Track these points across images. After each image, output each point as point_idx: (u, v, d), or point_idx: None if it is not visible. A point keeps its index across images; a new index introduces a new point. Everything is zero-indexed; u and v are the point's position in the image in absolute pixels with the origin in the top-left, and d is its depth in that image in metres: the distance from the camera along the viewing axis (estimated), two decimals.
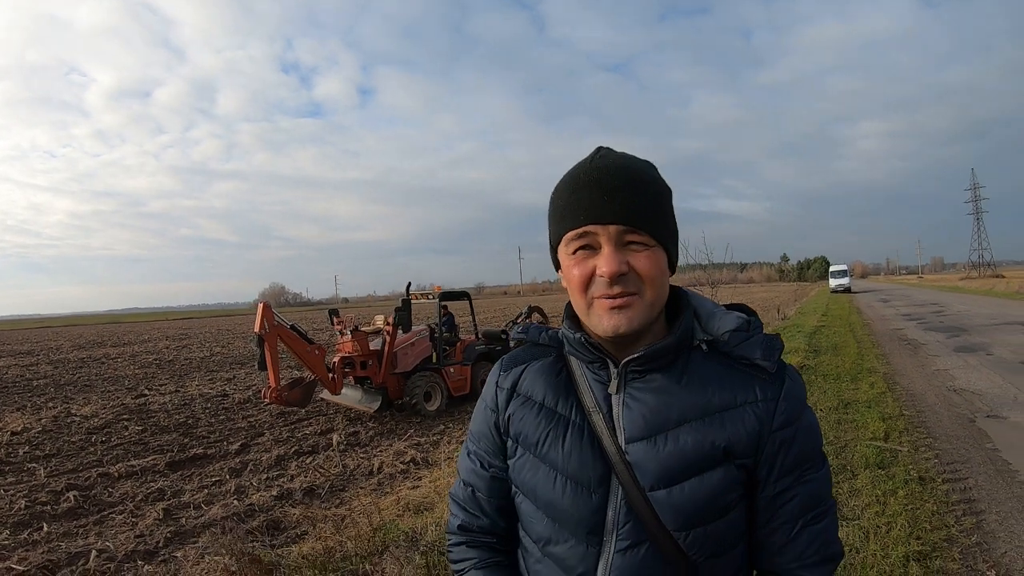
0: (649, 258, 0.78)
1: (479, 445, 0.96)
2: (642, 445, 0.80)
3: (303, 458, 6.39)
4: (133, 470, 6.18)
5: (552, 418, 0.87)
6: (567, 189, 0.82)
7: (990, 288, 36.21)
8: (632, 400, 0.82)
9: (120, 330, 40.71)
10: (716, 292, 10.03)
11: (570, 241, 0.80)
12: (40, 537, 4.59)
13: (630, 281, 0.77)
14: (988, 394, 6.76)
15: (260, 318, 7.69)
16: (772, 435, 0.79)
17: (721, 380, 0.81)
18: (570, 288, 0.82)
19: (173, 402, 10.34)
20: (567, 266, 0.81)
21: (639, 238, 0.78)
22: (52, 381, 14.04)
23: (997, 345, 10.66)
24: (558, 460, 0.84)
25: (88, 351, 22.40)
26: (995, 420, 5.65)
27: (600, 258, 0.78)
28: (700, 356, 0.83)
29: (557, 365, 0.91)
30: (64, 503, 5.25)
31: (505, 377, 0.94)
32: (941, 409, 6.21)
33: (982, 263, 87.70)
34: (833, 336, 13.43)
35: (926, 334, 13.44)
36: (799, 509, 0.81)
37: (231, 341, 25.28)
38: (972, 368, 8.50)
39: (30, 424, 8.75)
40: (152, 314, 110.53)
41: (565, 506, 0.83)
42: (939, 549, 3.10)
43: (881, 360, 9.80)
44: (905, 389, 7.32)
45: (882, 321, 17.92)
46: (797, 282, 74.79)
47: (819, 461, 0.83)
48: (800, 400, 0.82)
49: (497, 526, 0.94)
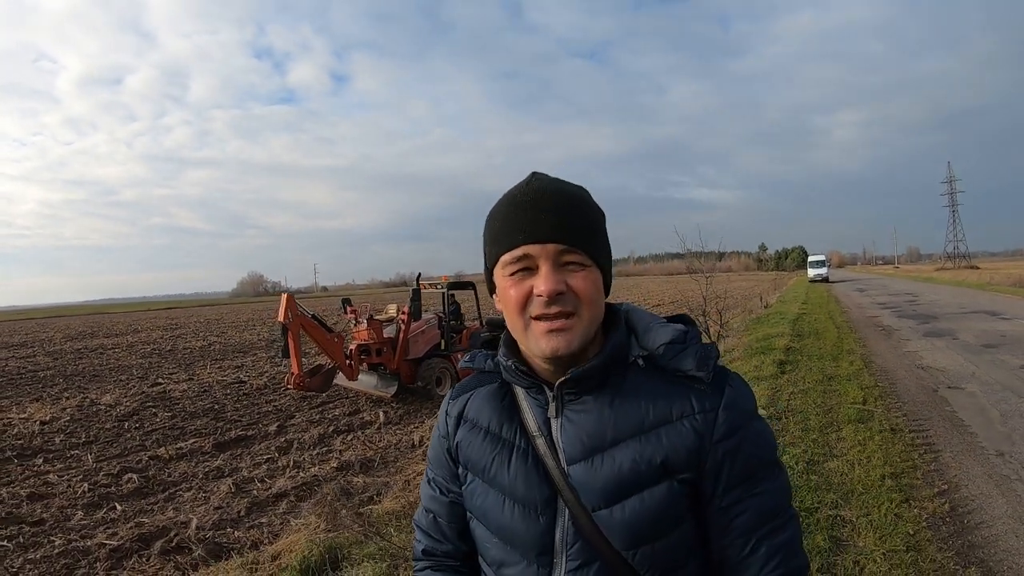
0: (586, 278, 0.78)
1: (436, 472, 0.97)
2: (582, 466, 0.81)
3: (343, 436, 6.93)
4: (182, 452, 6.58)
5: (497, 443, 0.88)
6: (503, 211, 0.82)
7: (963, 279, 37.37)
8: (569, 422, 0.83)
9: (107, 321, 40.23)
10: (710, 283, 10.78)
11: (507, 264, 0.80)
12: (116, 516, 4.89)
13: (568, 301, 0.77)
14: (950, 370, 7.68)
15: (284, 308, 8.13)
16: (714, 447, 0.78)
17: (657, 395, 0.81)
18: (506, 310, 0.81)
19: (193, 389, 10.67)
20: (504, 287, 0.81)
21: (576, 258, 0.78)
22: (58, 372, 14.16)
23: (963, 331, 11.61)
24: (505, 484, 0.85)
25: (82, 342, 22.40)
26: (955, 390, 6.58)
27: (538, 278, 0.78)
28: (636, 373, 0.83)
29: (502, 390, 0.91)
30: (128, 484, 5.56)
31: (453, 405, 0.96)
32: (910, 382, 7.14)
33: (957, 254, 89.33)
34: (814, 322, 14.32)
35: (899, 321, 14.43)
36: (752, 522, 0.79)
37: (224, 331, 25.42)
38: (939, 350, 9.43)
39: (56, 414, 8.96)
40: (132, 304, 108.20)
41: (515, 529, 0.84)
42: (906, 473, 4.11)
43: (858, 343, 10.71)
44: (879, 366, 8.23)
45: (859, 309, 18.93)
46: (775, 271, 76.53)
47: (772, 471, 0.81)
48: (744, 409, 0.81)
49: (460, 550, 0.96)
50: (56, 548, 4.30)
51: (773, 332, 12.01)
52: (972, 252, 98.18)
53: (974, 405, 5.88)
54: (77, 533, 4.59)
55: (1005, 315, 14.19)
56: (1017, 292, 22.69)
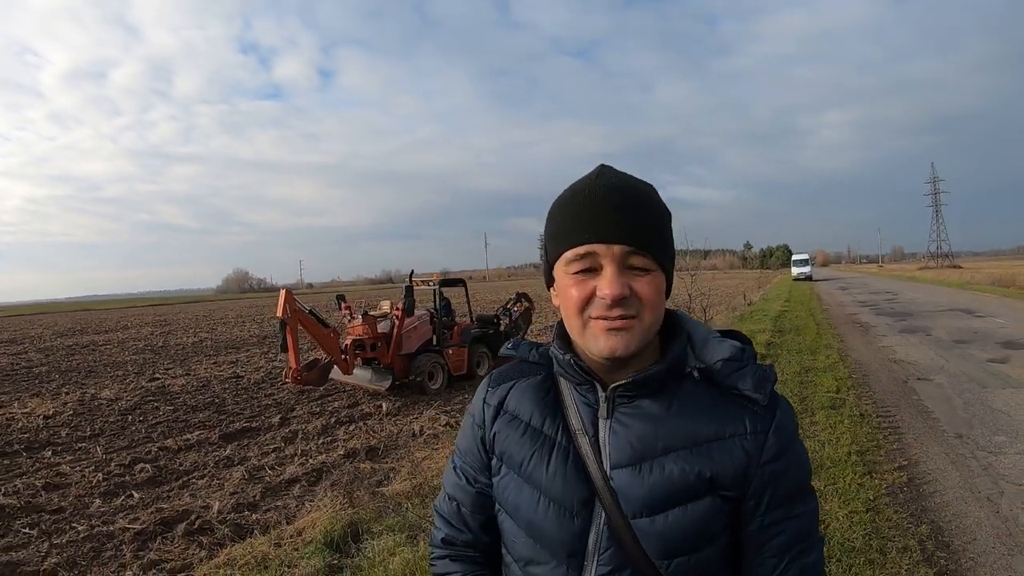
0: (651, 283, 0.77)
1: (465, 460, 0.96)
2: (627, 472, 0.80)
3: (345, 426, 7.18)
4: (189, 443, 6.76)
5: (538, 438, 0.86)
6: (569, 205, 0.80)
7: (944, 278, 38.28)
8: (619, 425, 0.81)
9: (94, 318, 39.80)
10: (695, 279, 11.19)
11: (570, 261, 0.78)
12: (134, 503, 5.02)
13: (630, 305, 0.76)
14: (921, 364, 8.18)
15: (283, 304, 8.33)
16: (760, 468, 0.78)
17: (711, 410, 0.80)
18: (565, 308, 0.80)
19: (191, 384, 10.80)
20: (564, 285, 0.79)
21: (642, 261, 0.77)
22: (52, 368, 14.14)
23: (936, 328, 12.17)
24: (542, 481, 0.84)
25: (72, 338, 22.29)
26: (923, 381, 7.07)
27: (602, 279, 0.76)
28: (691, 384, 0.82)
29: (546, 384, 0.90)
30: (141, 473, 5.69)
31: (492, 393, 0.94)
32: (882, 374, 7.65)
33: (940, 254, 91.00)
34: (795, 319, 14.84)
35: (877, 318, 15.01)
36: (787, 543, 0.79)
37: (214, 327, 25.42)
38: (912, 345, 9.94)
39: (58, 408, 9.04)
40: (118, 301, 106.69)
41: (547, 528, 0.82)
42: (871, 451, 4.66)
43: (836, 338, 11.24)
44: (854, 360, 8.75)
45: (839, 307, 19.54)
46: (760, 270, 77.57)
47: (807, 495, 0.82)
48: (791, 433, 0.81)
49: (481, 541, 0.94)
50: (80, 533, 4.45)
51: (755, 328, 12.49)
52: (956, 252, 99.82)
53: (940, 394, 6.36)
54: (98, 519, 4.75)
55: (979, 313, 14.79)
56: (995, 291, 23.41)
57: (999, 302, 18.12)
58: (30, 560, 4.07)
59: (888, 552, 3.10)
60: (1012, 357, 8.32)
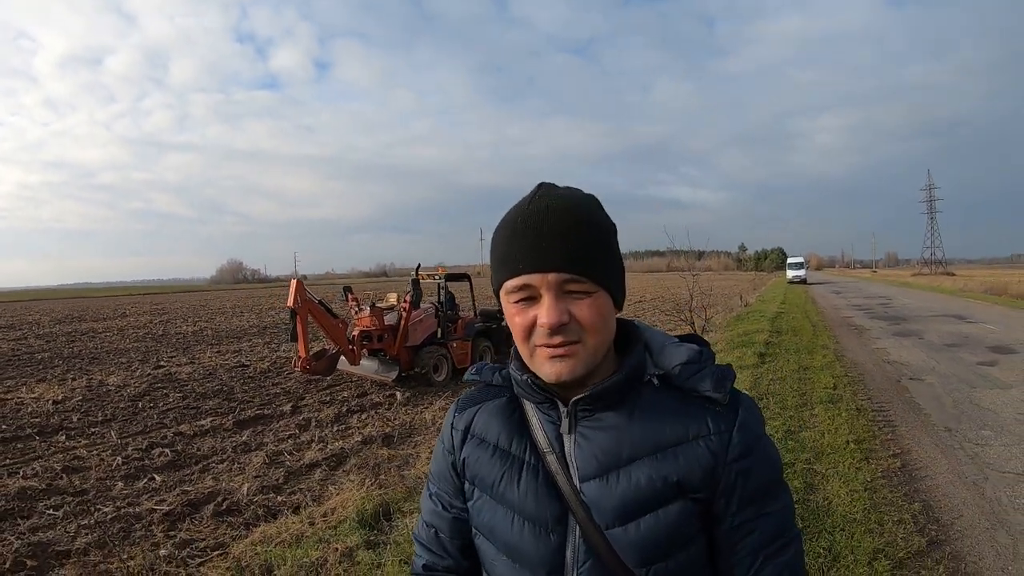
0: (591, 306, 0.77)
1: (439, 486, 0.96)
2: (596, 484, 0.80)
3: (357, 415, 7.36)
4: (204, 429, 6.87)
5: (506, 459, 0.87)
6: (505, 235, 0.80)
7: (937, 285, 38.77)
8: (583, 439, 0.82)
9: (91, 305, 39.72)
10: (696, 280, 11.43)
11: (510, 291, 0.78)
12: (157, 485, 5.09)
13: (571, 330, 0.76)
14: (913, 365, 8.51)
15: (294, 294, 8.49)
16: (727, 467, 0.79)
17: (673, 414, 0.81)
18: (514, 335, 0.81)
19: (198, 372, 10.91)
20: (509, 314, 0.80)
21: (581, 287, 0.76)
22: (54, 354, 14.19)
23: (929, 332, 12.51)
24: (515, 501, 0.84)
25: (71, 325, 22.32)
26: (915, 381, 7.41)
27: (540, 308, 0.76)
28: (651, 391, 0.83)
29: (511, 405, 0.90)
30: (160, 458, 5.77)
31: (460, 418, 0.94)
32: (876, 373, 7.97)
33: (934, 260, 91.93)
34: (792, 321, 15.13)
35: (871, 322, 15.34)
36: (761, 541, 0.80)
37: (212, 317, 25.45)
38: (905, 347, 10.25)
39: (66, 394, 9.12)
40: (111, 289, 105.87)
41: (524, 547, 0.83)
42: (867, 440, 5.02)
43: (832, 339, 11.55)
44: (850, 360, 9.06)
45: (834, 310, 19.89)
46: (755, 272, 78.14)
47: (779, 491, 0.82)
48: (756, 430, 0.81)
49: (461, 566, 0.95)
50: (108, 515, 4.50)
51: (753, 328, 12.77)
52: (949, 259, 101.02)
53: (931, 393, 6.68)
54: (123, 501, 4.79)
55: (971, 319, 15.14)
56: (987, 299, 23.80)
57: (990, 309, 18.49)
58: (59, 540, 4.15)
59: (885, 523, 3.50)
60: (1000, 361, 8.62)
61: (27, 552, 3.93)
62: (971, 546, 3.28)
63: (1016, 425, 5.34)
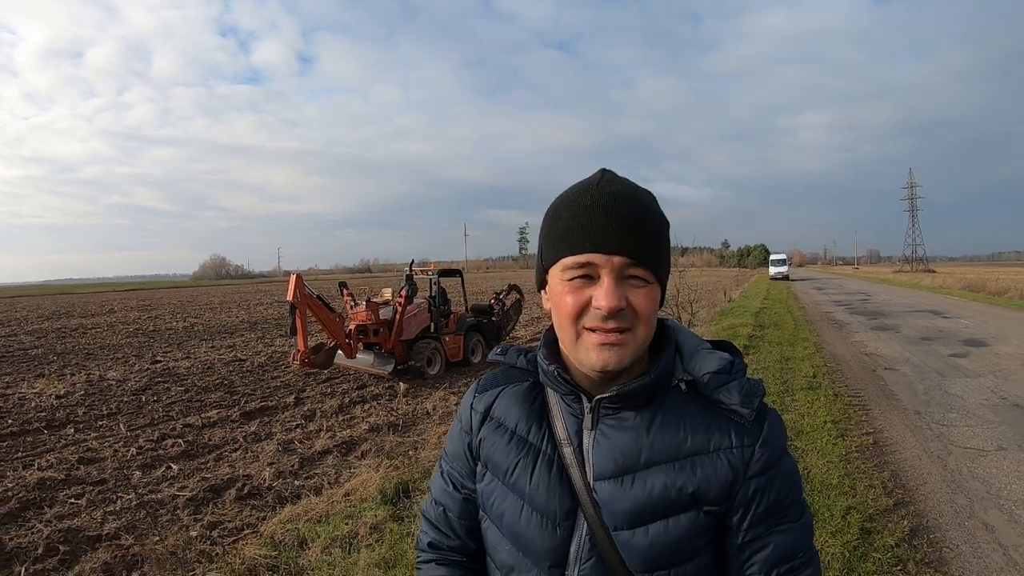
0: (647, 295, 0.76)
1: (452, 466, 0.95)
2: (610, 484, 0.79)
3: (359, 406, 7.60)
4: (212, 421, 7.02)
5: (523, 447, 0.86)
6: (571, 211, 0.78)
7: (917, 281, 39.67)
8: (603, 437, 0.81)
9: (76, 301, 39.01)
10: (683, 275, 11.83)
11: (567, 267, 0.77)
12: (175, 474, 5.21)
13: (625, 317, 0.75)
14: (889, 356, 9.03)
15: (293, 288, 8.64)
16: (746, 482, 0.77)
17: (696, 423, 0.79)
18: (558, 315, 0.79)
19: (196, 367, 10.99)
20: (559, 292, 0.78)
21: (640, 273, 0.76)
22: (48, 351, 14.08)
23: (905, 326, 13.09)
24: (526, 490, 0.83)
25: (59, 321, 22.08)
26: (889, 370, 7.92)
27: (599, 290, 0.75)
28: (678, 396, 0.82)
29: (533, 391, 0.90)
30: (174, 448, 5.91)
31: (480, 399, 0.93)
32: (854, 364, 8.49)
33: (915, 258, 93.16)
34: (774, 315, 15.67)
35: (851, 316, 15.92)
36: (774, 559, 0.77)
37: (200, 312, 25.33)
38: (882, 341, 10.78)
39: (68, 389, 9.14)
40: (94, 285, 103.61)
41: (530, 537, 0.83)
42: (843, 421, 5.55)
43: (813, 333, 12.09)
44: (829, 352, 9.58)
45: (815, 306, 20.52)
46: (738, 268, 79.14)
47: (797, 509, 0.80)
48: (779, 446, 0.80)
49: (467, 546, 0.94)
50: (132, 501, 4.62)
51: (737, 323, 13.23)
52: (931, 256, 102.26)
53: (904, 381, 7.19)
54: (144, 489, 4.92)
55: (947, 314, 15.75)
56: (964, 295, 24.54)
57: (967, 305, 19.12)
58: (88, 526, 4.26)
59: (857, 488, 4.00)
60: (971, 353, 9.15)
61: (58, 538, 4.05)
62: (933, 506, 3.76)
63: (980, 409, 5.83)
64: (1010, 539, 3.30)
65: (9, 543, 3.99)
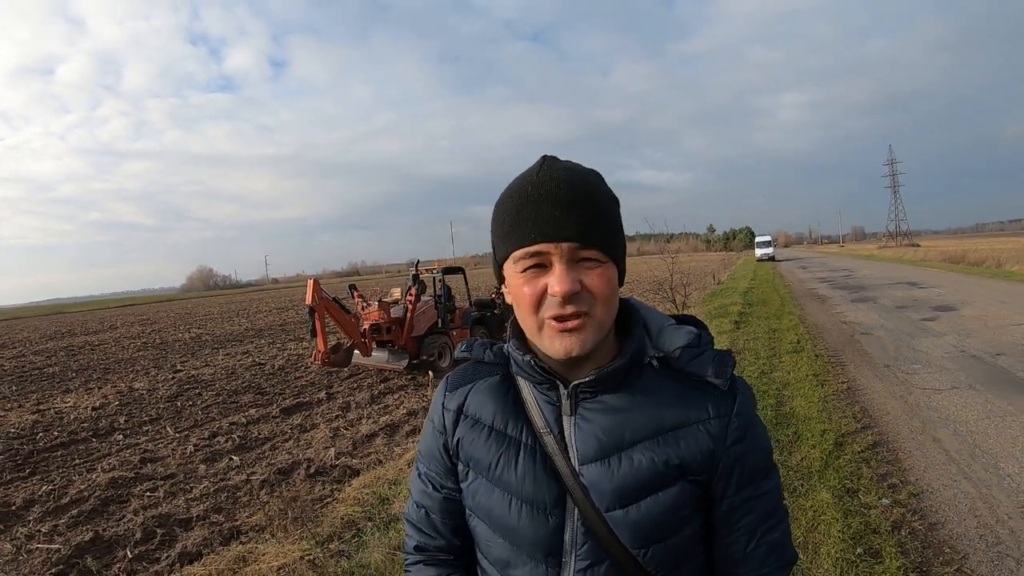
0: (601, 275, 0.77)
1: (429, 467, 0.95)
2: (596, 466, 0.81)
3: (389, 396, 8.21)
4: (254, 418, 7.45)
5: (503, 441, 0.86)
6: (514, 204, 0.79)
7: (900, 256, 40.50)
8: (584, 421, 0.82)
9: (71, 320, 38.81)
10: (676, 262, 12.57)
11: (519, 259, 0.78)
12: (239, 463, 5.48)
13: (582, 300, 0.76)
14: (866, 323, 9.96)
15: (311, 293, 9.20)
16: (727, 451, 0.81)
17: (673, 398, 0.82)
18: (519, 307, 0.80)
19: (219, 373, 11.40)
20: (516, 285, 0.79)
21: (592, 254, 0.77)
22: (65, 368, 14.29)
23: (883, 297, 14.02)
24: (512, 483, 0.84)
25: (64, 340, 22.27)
26: (865, 335, 8.85)
27: (552, 277, 0.76)
28: (651, 373, 0.84)
29: (504, 384, 0.90)
30: (228, 443, 6.22)
31: (451, 398, 0.93)
32: (834, 331, 9.44)
33: (899, 233, 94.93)
34: (761, 294, 16.62)
35: (833, 291, 16.90)
36: (756, 520, 0.83)
37: (203, 323, 25.52)
38: (860, 311, 11.70)
39: (101, 401, 9.40)
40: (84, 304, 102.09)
41: (522, 529, 0.83)
42: (822, 374, 6.53)
43: (797, 307, 13.05)
44: (812, 322, 10.55)
45: (800, 283, 21.55)
46: (724, 252, 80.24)
47: (771, 472, 0.85)
48: (751, 414, 0.84)
49: (453, 545, 0.95)
50: (208, 489, 4.95)
51: (727, 302, 14.10)
52: (915, 230, 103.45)
53: (877, 343, 8.12)
54: (215, 478, 5.24)
55: (922, 285, 16.68)
56: (943, 267, 25.49)
57: (944, 276, 20.01)
58: (176, 512, 4.57)
59: (832, 418, 4.98)
60: (940, 317, 10.06)
61: (152, 524, 4.39)
62: (892, 428, 4.72)
63: (942, 360, 6.77)
64: (953, 446, 4.22)
65: (105, 533, 4.33)
